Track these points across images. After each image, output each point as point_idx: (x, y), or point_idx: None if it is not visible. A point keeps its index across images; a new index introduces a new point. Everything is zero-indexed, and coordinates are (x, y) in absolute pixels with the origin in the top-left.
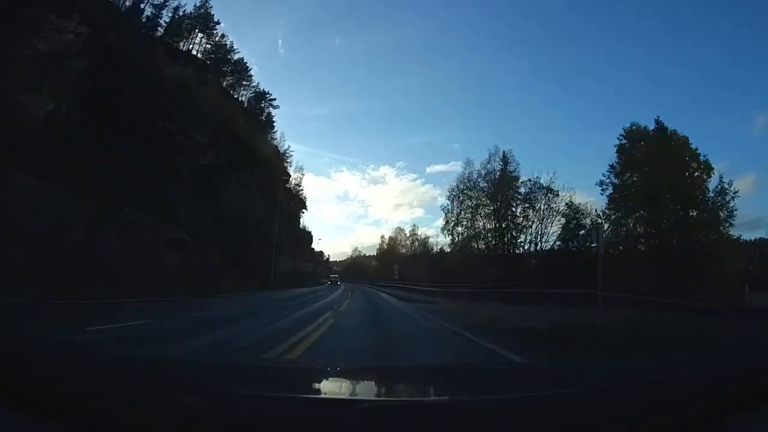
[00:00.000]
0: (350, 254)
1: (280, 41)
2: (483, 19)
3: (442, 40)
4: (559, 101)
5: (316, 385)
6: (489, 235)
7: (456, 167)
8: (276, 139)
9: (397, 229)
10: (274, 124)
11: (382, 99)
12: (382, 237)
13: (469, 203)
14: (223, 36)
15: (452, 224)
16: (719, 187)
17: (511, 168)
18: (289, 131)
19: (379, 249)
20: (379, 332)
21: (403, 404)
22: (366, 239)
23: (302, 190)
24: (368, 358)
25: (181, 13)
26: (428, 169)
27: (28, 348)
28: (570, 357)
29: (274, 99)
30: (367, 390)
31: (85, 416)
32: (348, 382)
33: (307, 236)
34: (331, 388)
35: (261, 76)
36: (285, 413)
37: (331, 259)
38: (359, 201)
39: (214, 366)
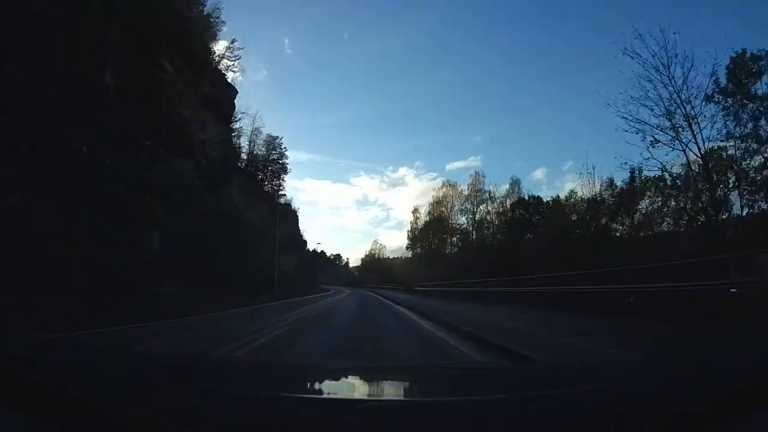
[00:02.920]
0: (369, 250)
1: (286, 41)
2: (493, 14)
3: (452, 37)
4: (576, 89)
5: (317, 385)
6: None
7: (476, 162)
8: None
9: (445, 185)
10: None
11: (395, 101)
12: (416, 210)
13: None
14: None
15: None
16: None
17: None
18: (304, 142)
19: (411, 229)
20: None
21: (404, 404)
22: (389, 243)
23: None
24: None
25: None
26: (447, 167)
27: (28, 348)
28: None
29: None
30: (367, 390)
31: (85, 416)
32: (348, 381)
33: (286, 209)
34: (331, 387)
35: (270, 83)
36: (285, 413)
37: (350, 265)
38: (379, 204)
39: (215, 365)
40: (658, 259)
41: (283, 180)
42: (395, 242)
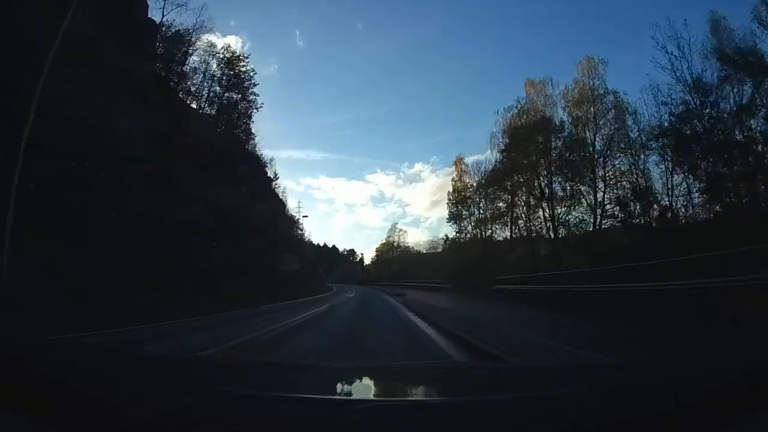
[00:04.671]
0: (386, 238)
1: (297, 33)
2: (507, 7)
3: (466, 32)
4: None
5: (317, 385)
6: None
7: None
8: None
9: (527, 83)
10: None
11: (410, 96)
12: (459, 161)
13: None
14: None
15: None
16: None
17: None
18: (318, 140)
19: (454, 189)
20: None
21: (404, 404)
22: (406, 240)
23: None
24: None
25: None
26: (465, 160)
27: (28, 348)
28: None
29: None
30: (367, 390)
31: (86, 416)
32: (349, 381)
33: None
34: (331, 387)
35: (282, 78)
36: (285, 413)
37: (366, 262)
38: (396, 201)
39: (214, 365)
40: None
41: (251, 120)
42: (411, 239)
